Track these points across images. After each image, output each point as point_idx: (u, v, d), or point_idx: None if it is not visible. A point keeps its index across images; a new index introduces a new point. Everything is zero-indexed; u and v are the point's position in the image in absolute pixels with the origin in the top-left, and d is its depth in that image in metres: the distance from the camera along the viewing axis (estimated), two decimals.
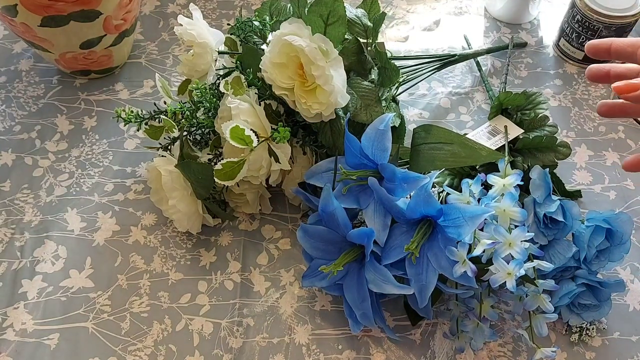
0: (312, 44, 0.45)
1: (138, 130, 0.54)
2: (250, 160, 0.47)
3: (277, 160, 0.49)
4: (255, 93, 0.50)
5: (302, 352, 0.49)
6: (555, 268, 0.48)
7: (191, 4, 0.55)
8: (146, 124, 0.54)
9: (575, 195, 0.58)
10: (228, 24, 0.72)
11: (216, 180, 0.47)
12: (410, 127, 0.65)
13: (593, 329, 0.50)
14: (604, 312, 0.49)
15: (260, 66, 0.49)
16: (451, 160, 0.49)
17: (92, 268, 0.54)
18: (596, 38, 0.66)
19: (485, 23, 0.76)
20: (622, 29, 0.65)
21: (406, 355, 0.49)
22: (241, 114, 0.47)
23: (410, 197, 0.44)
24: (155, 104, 0.57)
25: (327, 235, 0.47)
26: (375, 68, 0.52)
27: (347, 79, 0.48)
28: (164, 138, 0.54)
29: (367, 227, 0.45)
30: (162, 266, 0.54)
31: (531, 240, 0.43)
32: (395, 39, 0.74)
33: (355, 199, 0.47)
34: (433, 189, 0.48)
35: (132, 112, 0.53)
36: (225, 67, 0.54)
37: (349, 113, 0.49)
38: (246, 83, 0.50)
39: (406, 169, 0.46)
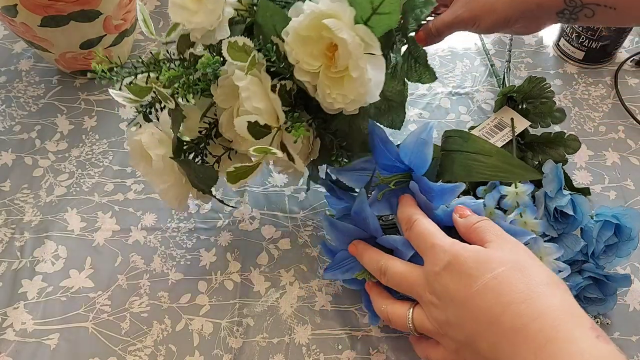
0: (356, 38, 0.38)
1: (120, 88, 0.45)
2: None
3: (290, 159, 0.43)
4: (266, 66, 0.41)
5: (302, 352, 0.49)
6: (563, 261, 0.48)
7: None
8: (130, 82, 0.44)
9: (584, 192, 0.58)
10: None
11: (226, 181, 0.42)
12: (410, 127, 0.65)
13: (598, 322, 0.50)
14: (608, 306, 0.49)
15: (282, 35, 0.40)
16: (488, 173, 0.47)
17: (92, 268, 0.54)
18: (596, 38, 0.66)
19: None
20: (622, 29, 0.65)
21: (406, 355, 0.49)
22: (252, 98, 0.39)
23: (448, 206, 0.44)
24: (140, 58, 0.45)
25: (355, 233, 0.47)
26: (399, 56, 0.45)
27: None
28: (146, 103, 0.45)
29: (396, 227, 0.45)
30: (162, 266, 0.54)
31: (542, 235, 0.44)
32: None
33: (387, 203, 0.46)
34: None
35: (112, 65, 0.43)
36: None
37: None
38: (258, 55, 0.41)
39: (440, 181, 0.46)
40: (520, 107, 0.56)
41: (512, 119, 0.55)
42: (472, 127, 0.57)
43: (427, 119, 0.65)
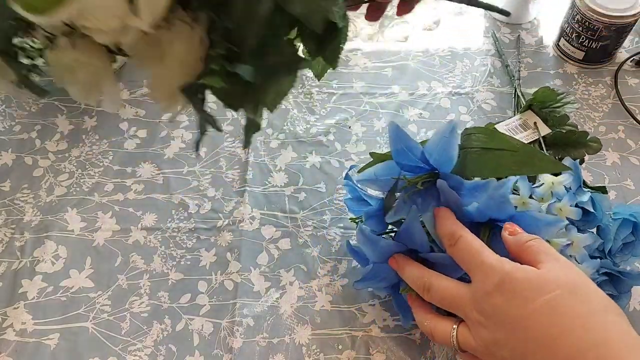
0: None
1: None
2: None
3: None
4: None
5: (302, 352, 0.49)
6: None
7: None
8: None
9: (602, 191, 0.58)
10: None
11: (19, 9, 0.25)
12: (410, 127, 0.65)
13: None
14: (622, 303, 0.49)
15: None
16: (515, 169, 0.47)
17: (92, 268, 0.54)
18: (596, 38, 0.66)
19: (485, 23, 0.76)
20: (622, 29, 0.65)
21: (406, 355, 0.49)
22: None
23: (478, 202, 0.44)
24: None
25: (394, 248, 0.46)
26: None
27: None
28: None
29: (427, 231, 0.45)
30: (162, 266, 0.54)
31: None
32: (395, 39, 0.74)
33: (412, 204, 0.45)
34: None
35: None
36: None
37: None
38: None
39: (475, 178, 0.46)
40: (541, 113, 0.57)
41: (535, 123, 0.55)
42: (492, 124, 0.56)
43: (427, 119, 0.65)
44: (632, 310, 0.52)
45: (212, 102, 0.68)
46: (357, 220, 0.54)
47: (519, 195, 0.46)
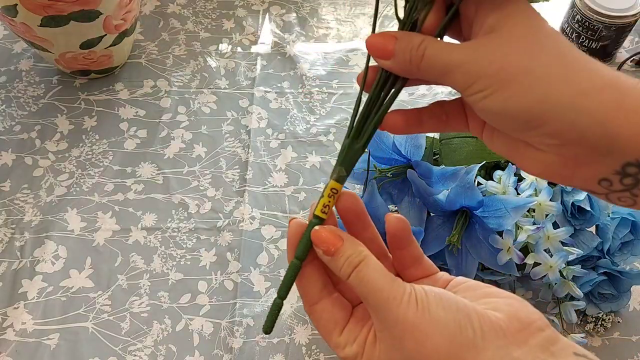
0: None
1: None
2: None
3: None
4: None
5: (302, 352, 0.49)
6: (577, 257, 0.48)
7: None
8: None
9: None
10: None
11: None
12: None
13: (609, 319, 0.50)
14: (621, 303, 0.49)
15: None
16: (486, 155, 0.48)
17: (92, 268, 0.54)
18: (596, 38, 0.66)
19: None
20: (622, 29, 0.65)
21: None
22: None
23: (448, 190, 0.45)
24: None
25: None
26: None
27: None
28: None
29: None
30: (162, 266, 0.54)
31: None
32: None
33: (388, 196, 0.47)
34: None
35: None
36: None
37: None
38: None
39: (442, 165, 0.46)
40: None
41: None
42: None
43: None
44: (632, 310, 0.52)
45: (212, 102, 0.68)
46: None
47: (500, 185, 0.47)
